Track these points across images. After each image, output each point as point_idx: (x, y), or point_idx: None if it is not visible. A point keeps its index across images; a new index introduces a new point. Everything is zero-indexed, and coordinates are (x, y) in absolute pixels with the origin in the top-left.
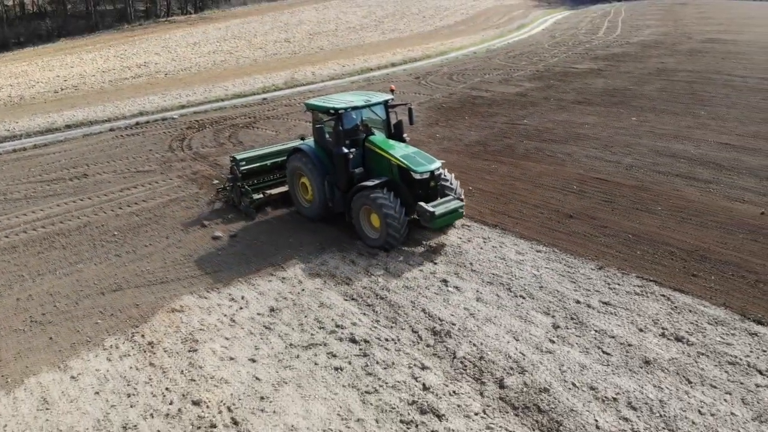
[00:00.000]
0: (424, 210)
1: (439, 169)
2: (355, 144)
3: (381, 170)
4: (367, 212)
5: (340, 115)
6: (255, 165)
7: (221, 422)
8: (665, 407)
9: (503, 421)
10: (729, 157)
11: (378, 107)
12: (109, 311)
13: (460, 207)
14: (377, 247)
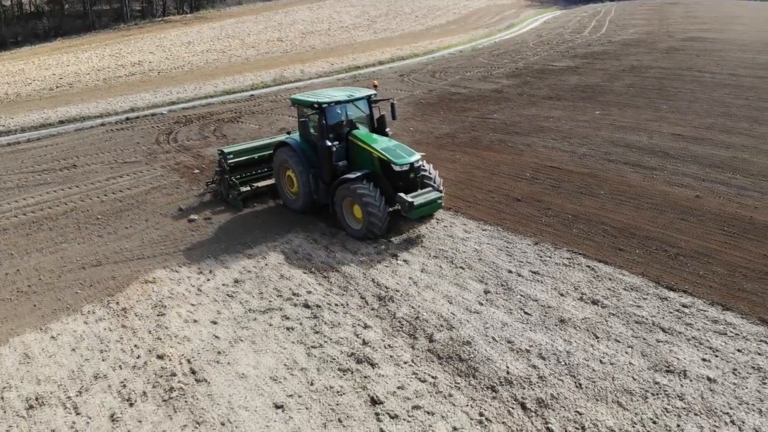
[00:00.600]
0: (403, 200)
1: (419, 161)
2: (338, 138)
3: (363, 163)
4: (350, 203)
5: (323, 109)
6: (242, 158)
7: (181, 372)
8: (570, 357)
9: (428, 368)
10: (678, 146)
11: (361, 102)
12: (88, 283)
13: (438, 198)
14: (360, 237)
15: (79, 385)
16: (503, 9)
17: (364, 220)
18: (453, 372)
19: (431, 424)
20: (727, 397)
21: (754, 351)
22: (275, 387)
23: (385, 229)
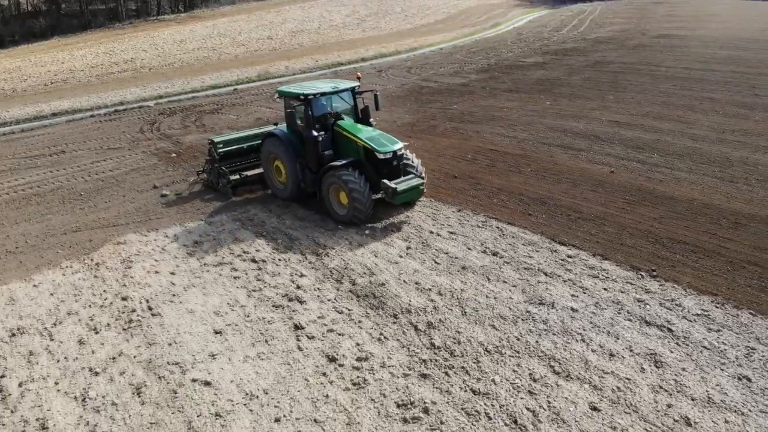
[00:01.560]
0: (387, 187)
1: (402, 149)
2: (324, 128)
3: (348, 152)
4: (336, 190)
5: (309, 100)
6: (232, 148)
7: (140, 308)
8: (463, 293)
9: (347, 304)
10: (610, 131)
11: (346, 93)
12: (68, 245)
13: (420, 184)
14: (345, 222)
15: (54, 319)
16: (492, 8)
17: (349, 206)
18: (366, 306)
19: (340, 342)
20: (583, 323)
21: (618, 290)
22: (217, 319)
23: (369, 214)
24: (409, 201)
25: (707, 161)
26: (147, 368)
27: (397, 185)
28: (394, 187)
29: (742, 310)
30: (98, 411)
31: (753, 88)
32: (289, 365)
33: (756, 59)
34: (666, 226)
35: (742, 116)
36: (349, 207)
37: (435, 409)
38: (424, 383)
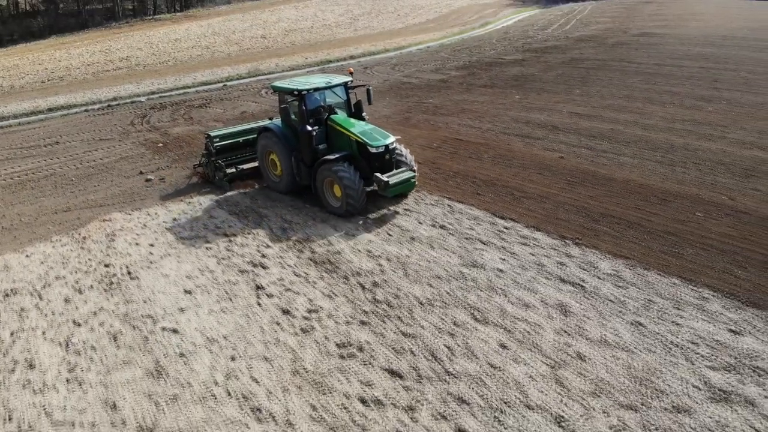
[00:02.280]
0: (379, 180)
1: (394, 143)
2: (318, 122)
3: (342, 145)
4: (330, 183)
5: (303, 95)
6: (228, 142)
7: (120, 273)
8: (408, 259)
9: (305, 269)
10: (569, 121)
11: (339, 88)
12: (58, 222)
13: (412, 177)
14: (340, 214)
15: (43, 282)
16: (484, 8)
17: (342, 199)
18: (321, 270)
19: (294, 298)
20: (506, 281)
21: (543, 255)
22: (188, 281)
23: (362, 206)
24: (401, 193)
25: (651, 147)
26: (123, 320)
27: (390, 178)
28: (387, 180)
29: (651, 271)
30: (79, 353)
31: (715, 82)
32: (248, 317)
33: (726, 55)
34: (599, 202)
35: (696, 108)
36: (342, 200)
37: (369, 347)
38: (363, 329)
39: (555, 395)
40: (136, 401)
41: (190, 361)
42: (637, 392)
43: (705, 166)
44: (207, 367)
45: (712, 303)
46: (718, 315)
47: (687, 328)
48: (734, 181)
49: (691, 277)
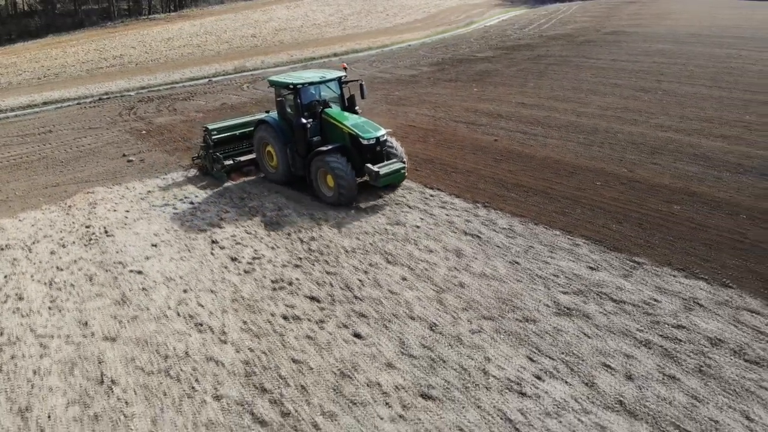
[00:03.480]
0: (371, 170)
1: (385, 136)
2: (312, 115)
3: (335, 138)
4: (323, 174)
5: (298, 90)
6: (225, 134)
7: (98, 232)
8: (343, 220)
9: (256, 228)
10: (512, 110)
11: (333, 83)
12: (48, 195)
13: (402, 168)
14: (332, 204)
15: (33, 239)
16: (472, 8)
17: (335, 189)
18: (269, 229)
19: (242, 249)
20: (419, 234)
21: (455, 215)
22: (155, 237)
23: (354, 196)
24: (391, 184)
25: (577, 131)
26: (98, 266)
27: (380, 169)
28: (377, 170)
29: (539, 226)
30: (60, 289)
31: (660, 75)
32: (201, 263)
33: (682, 51)
34: (515, 175)
35: (633, 97)
36: (335, 190)
37: (297, 282)
38: (295, 270)
39: (434, 310)
40: (104, 320)
41: (149, 294)
42: (498, 308)
43: (618, 146)
44: (163, 297)
45: (581, 248)
46: (582, 256)
47: (554, 265)
48: (640, 157)
49: (571, 230)
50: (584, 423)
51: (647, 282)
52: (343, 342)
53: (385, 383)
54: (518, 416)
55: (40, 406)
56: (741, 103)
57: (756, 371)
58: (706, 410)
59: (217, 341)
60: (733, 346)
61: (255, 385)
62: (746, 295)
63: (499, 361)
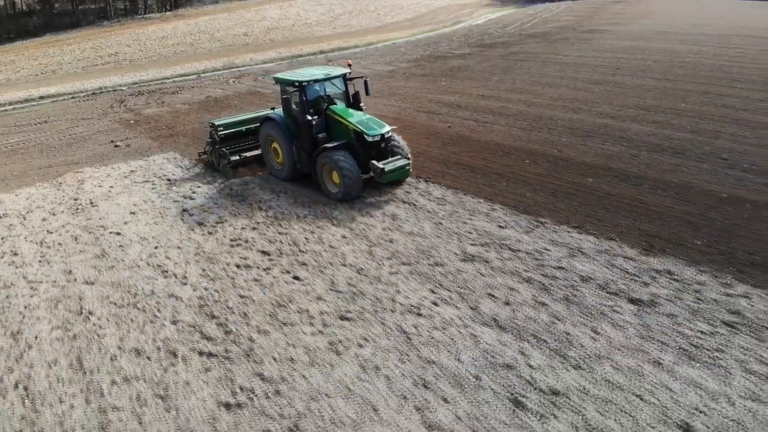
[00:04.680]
0: (375, 167)
1: (389, 132)
2: (318, 112)
3: (340, 134)
4: (329, 170)
5: (303, 87)
6: (231, 130)
7: (85, 203)
8: (300, 192)
9: (223, 200)
10: (471, 102)
11: (337, 80)
12: (41, 175)
13: (407, 164)
14: (338, 199)
15: (27, 210)
16: (462, 8)
17: (341, 185)
18: (234, 201)
19: (209, 216)
20: (364, 203)
21: (398, 189)
22: (133, 207)
23: (359, 191)
24: (396, 180)
25: (523, 119)
26: (83, 229)
27: (385, 165)
28: (382, 167)
29: (467, 196)
30: (49, 247)
31: (617, 69)
32: (171, 226)
33: (647, 47)
34: (458, 156)
35: (585, 89)
36: (340, 186)
37: (252, 240)
38: (252, 231)
39: (363, 259)
40: (85, 269)
41: (125, 249)
42: (416, 257)
43: (556, 131)
44: (137, 252)
45: (497, 212)
46: (496, 218)
47: (470, 225)
48: (572, 140)
49: (492, 198)
50: (462, 334)
51: (544, 236)
52: (284, 283)
53: (313, 310)
54: (412, 329)
55: (29, 331)
56: (682, 93)
57: (613, 300)
58: (563, 326)
59: (178, 283)
60: (600, 282)
61: (206, 314)
62: (626, 246)
63: (406, 293)
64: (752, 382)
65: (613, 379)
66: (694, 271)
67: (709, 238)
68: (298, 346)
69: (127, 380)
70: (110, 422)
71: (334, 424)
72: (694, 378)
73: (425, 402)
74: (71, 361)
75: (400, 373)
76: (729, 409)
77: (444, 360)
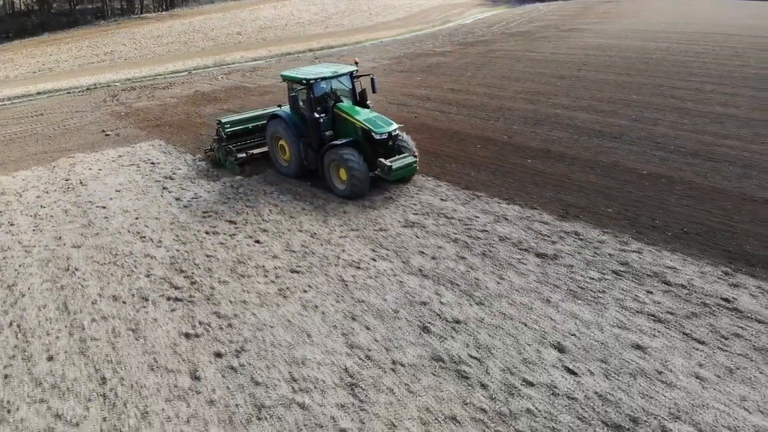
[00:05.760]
0: (383, 164)
1: (397, 130)
2: (325, 110)
3: (347, 132)
4: (336, 167)
5: (311, 84)
6: (238, 128)
7: (75, 183)
8: (266, 172)
9: (199, 179)
10: (441, 95)
11: (344, 77)
12: (37, 160)
13: (414, 162)
14: (345, 197)
15: (23, 189)
16: (453, 8)
17: (348, 182)
18: (209, 180)
19: (185, 193)
20: None
21: None
22: (119, 185)
23: (367, 189)
24: (402, 177)
25: (484, 109)
26: (73, 204)
27: (393, 163)
28: (390, 164)
29: (418, 175)
30: (42, 219)
31: (584, 65)
32: (152, 201)
33: (617, 45)
34: (419, 142)
35: (548, 83)
36: (348, 183)
37: (221, 212)
38: (224, 205)
39: (318, 226)
40: (73, 236)
41: (109, 220)
42: (364, 224)
43: (510, 120)
44: (119, 222)
45: (441, 188)
46: (440, 193)
47: (416, 199)
48: (523, 127)
49: (440, 177)
50: (390, 281)
51: (477, 207)
52: (245, 245)
53: (268, 266)
54: (350, 279)
55: (23, 284)
56: (637, 86)
57: (522, 254)
58: (475, 274)
59: (154, 246)
60: (514, 241)
61: (176, 269)
62: (545, 214)
63: (350, 252)
64: (623, 315)
65: (507, 312)
66: (599, 232)
67: (620, 207)
68: (251, 292)
69: (105, 318)
70: (89, 348)
71: (273, 346)
72: (575, 311)
73: (351, 329)
74: (58, 305)
75: (334, 310)
76: (598, 334)
77: (372, 300)
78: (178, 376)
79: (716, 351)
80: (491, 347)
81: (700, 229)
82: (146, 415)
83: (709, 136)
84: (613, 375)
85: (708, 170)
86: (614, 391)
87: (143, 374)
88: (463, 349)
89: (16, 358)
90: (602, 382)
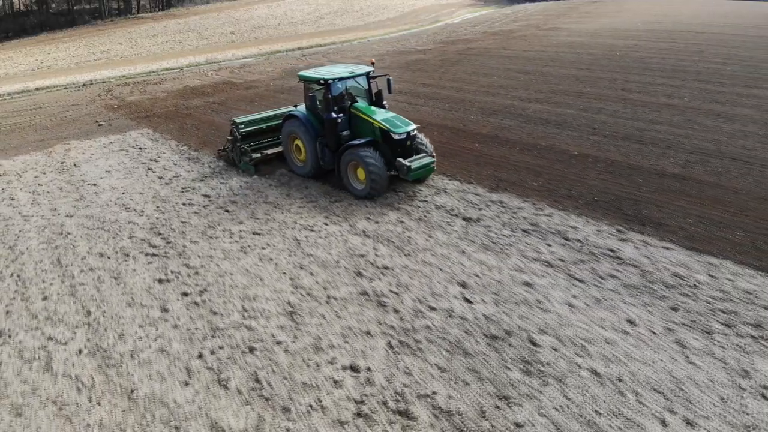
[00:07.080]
0: (402, 164)
1: (415, 130)
2: (342, 110)
3: (365, 132)
4: (354, 167)
5: (328, 84)
6: (253, 128)
7: (69, 165)
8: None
9: (182, 162)
10: (412, 88)
11: (361, 78)
12: (35, 146)
13: (432, 162)
14: (363, 197)
15: (22, 170)
16: (444, 8)
17: (366, 182)
18: (191, 162)
19: (167, 173)
20: None
21: None
22: (108, 167)
23: (385, 188)
24: (420, 177)
25: (448, 101)
26: (67, 182)
27: (411, 163)
28: (408, 164)
29: None
30: (39, 194)
31: (551, 61)
32: (137, 180)
33: (590, 43)
34: None
35: (513, 78)
36: (366, 183)
37: (199, 188)
38: (200, 182)
39: (281, 198)
40: (67, 208)
41: (99, 195)
42: (322, 197)
43: (470, 111)
44: (108, 196)
45: None
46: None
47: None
48: (479, 117)
49: None
50: (337, 240)
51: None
52: (216, 214)
53: (234, 230)
54: (303, 239)
55: (22, 245)
56: (593, 80)
57: (451, 218)
58: (410, 234)
59: (137, 215)
60: (447, 209)
61: (154, 232)
62: (479, 187)
63: (306, 218)
64: (522, 261)
65: (428, 260)
66: (520, 201)
67: (544, 181)
68: (217, 249)
69: (92, 269)
70: (77, 291)
71: (231, 287)
72: (483, 259)
73: (297, 275)
74: (52, 260)
75: (286, 262)
76: (497, 275)
77: (319, 254)
78: (150, 310)
79: (591, 287)
80: (409, 285)
81: (609, 198)
82: (122, 336)
83: (644, 123)
84: (501, 303)
85: (632, 151)
86: (498, 314)
87: (122, 309)
88: (386, 287)
89: (15, 299)
90: (491, 308)
